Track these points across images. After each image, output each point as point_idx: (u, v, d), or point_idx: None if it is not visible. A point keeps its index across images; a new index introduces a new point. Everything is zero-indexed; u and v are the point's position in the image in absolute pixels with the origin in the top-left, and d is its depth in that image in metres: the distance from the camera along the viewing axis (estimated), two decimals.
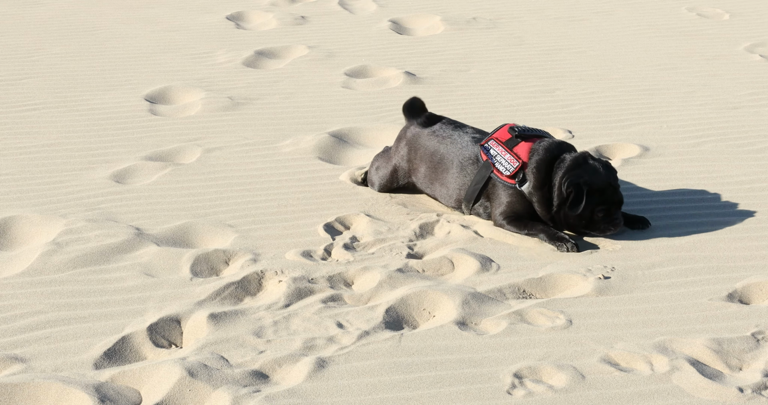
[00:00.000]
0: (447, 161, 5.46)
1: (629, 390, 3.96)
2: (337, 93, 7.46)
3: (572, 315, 4.49)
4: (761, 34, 8.99)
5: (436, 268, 4.93)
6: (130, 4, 9.86)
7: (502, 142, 5.29)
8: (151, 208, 5.56)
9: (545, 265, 4.94)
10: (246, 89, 7.50)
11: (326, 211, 5.51)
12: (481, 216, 5.38)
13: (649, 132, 6.68)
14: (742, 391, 3.93)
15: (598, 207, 5.12)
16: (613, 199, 5.15)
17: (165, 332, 4.38)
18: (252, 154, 6.32)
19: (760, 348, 4.23)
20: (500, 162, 5.26)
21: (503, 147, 5.27)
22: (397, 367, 4.11)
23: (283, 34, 8.97)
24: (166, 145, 6.43)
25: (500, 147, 5.28)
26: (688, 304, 4.58)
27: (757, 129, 6.73)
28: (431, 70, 7.97)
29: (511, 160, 5.23)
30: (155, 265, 4.92)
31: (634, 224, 5.31)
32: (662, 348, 4.22)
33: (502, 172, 5.25)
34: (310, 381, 4.01)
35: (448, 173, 5.44)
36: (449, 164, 5.45)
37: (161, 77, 7.73)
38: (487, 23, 9.30)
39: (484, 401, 3.90)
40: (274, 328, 4.39)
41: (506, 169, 5.24)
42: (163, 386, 3.97)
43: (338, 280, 4.81)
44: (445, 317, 4.49)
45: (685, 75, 7.87)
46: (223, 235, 5.24)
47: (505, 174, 5.24)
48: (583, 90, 7.51)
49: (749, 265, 4.92)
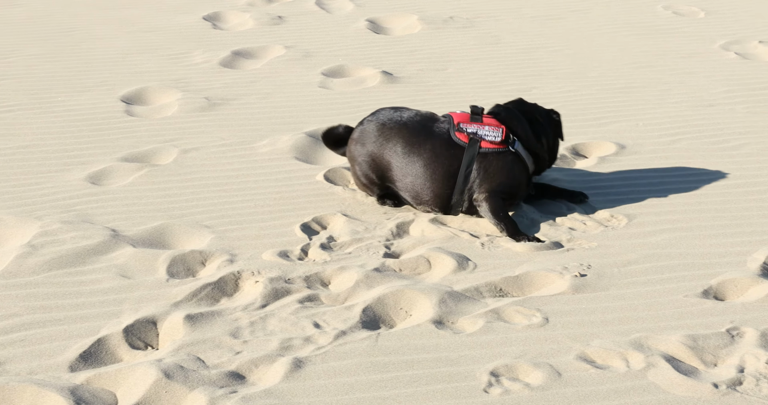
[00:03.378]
0: (421, 154, 5.41)
1: (605, 387, 3.97)
2: (314, 93, 7.45)
3: (549, 313, 4.50)
4: (736, 31, 9.03)
5: (413, 267, 4.93)
6: (107, 4, 9.83)
7: (465, 120, 5.39)
8: (127, 209, 5.54)
9: (522, 263, 4.95)
10: (223, 90, 7.48)
11: (303, 211, 5.51)
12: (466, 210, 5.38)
13: (625, 130, 6.71)
14: (716, 387, 3.95)
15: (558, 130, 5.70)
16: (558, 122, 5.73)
17: (141, 334, 4.37)
18: (229, 154, 6.31)
19: (734, 344, 4.25)
20: (486, 134, 5.31)
21: (475, 123, 5.34)
22: (374, 366, 4.11)
23: (259, 34, 8.96)
24: (142, 146, 6.42)
25: (474, 124, 5.35)
26: (664, 301, 4.60)
27: (732, 126, 6.76)
28: (408, 69, 7.98)
29: (493, 128, 5.35)
30: (131, 267, 4.91)
31: (573, 198, 5.55)
32: (638, 345, 4.23)
33: (495, 140, 5.30)
34: (286, 381, 4.00)
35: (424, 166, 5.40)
36: (423, 156, 5.40)
37: (137, 78, 7.71)
38: (464, 22, 9.31)
39: (461, 400, 3.91)
40: (250, 329, 4.38)
41: (495, 136, 5.31)
42: (139, 388, 3.96)
43: (315, 280, 4.81)
44: (422, 316, 4.49)
45: (660, 73, 7.89)
46: (200, 236, 5.23)
47: (497, 141, 5.31)
48: (559, 88, 7.53)
49: (724, 261, 4.94)
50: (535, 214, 5.50)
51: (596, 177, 5.92)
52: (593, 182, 5.84)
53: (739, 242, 5.14)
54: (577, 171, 6.06)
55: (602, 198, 5.64)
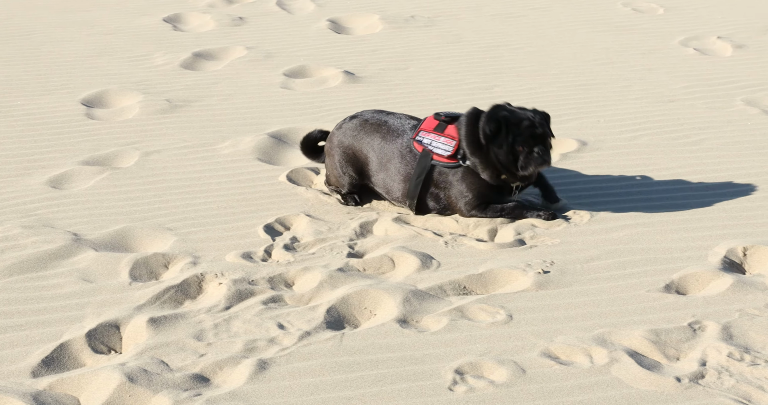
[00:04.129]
0: (391, 155, 5.45)
1: (569, 383, 3.99)
2: (276, 93, 7.44)
3: (512, 310, 4.51)
4: (695, 28, 9.10)
5: (377, 267, 4.93)
6: (66, 7, 9.76)
7: (431, 130, 5.35)
8: (89, 213, 5.51)
9: (485, 261, 4.96)
10: (184, 91, 7.45)
11: (266, 212, 5.50)
12: (435, 210, 5.40)
13: (587, 126, 6.74)
14: (679, 381, 3.98)
15: (518, 139, 5.20)
16: (532, 132, 5.21)
17: (104, 338, 4.34)
18: (191, 156, 6.28)
19: (696, 337, 4.28)
20: (437, 146, 5.31)
21: (435, 133, 5.33)
22: (339, 366, 4.11)
23: (221, 35, 8.93)
24: (103, 149, 6.38)
25: (432, 134, 5.34)
26: (627, 296, 4.63)
27: (692, 121, 6.81)
28: (370, 68, 7.98)
29: (446, 141, 5.30)
30: (93, 271, 4.88)
31: (549, 195, 5.47)
32: (601, 340, 4.26)
33: (443, 155, 5.29)
34: (251, 383, 3.99)
35: (394, 167, 5.44)
36: (392, 158, 5.45)
37: (98, 81, 7.66)
38: (425, 21, 9.32)
39: (426, 398, 3.91)
40: (214, 331, 4.36)
41: (445, 150, 5.29)
42: (103, 393, 3.93)
43: (279, 280, 4.80)
44: (387, 315, 4.49)
45: (621, 69, 7.94)
46: (162, 239, 5.21)
47: (446, 155, 5.28)
48: (521, 86, 7.55)
49: (685, 256, 4.98)
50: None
51: (558, 174, 5.94)
52: (555, 179, 5.86)
53: (700, 237, 5.18)
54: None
55: (564, 195, 5.66)
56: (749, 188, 5.75)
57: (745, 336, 4.28)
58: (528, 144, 5.22)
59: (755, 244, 5.05)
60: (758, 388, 3.93)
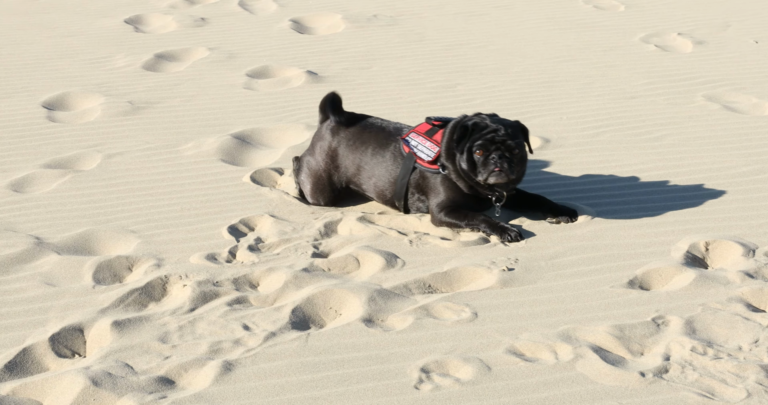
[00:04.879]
0: (383, 158, 5.45)
1: (534, 379, 4.00)
2: (239, 94, 7.42)
3: (477, 308, 4.53)
4: (656, 24, 9.16)
5: (342, 267, 4.93)
6: (25, 9, 9.69)
7: (422, 132, 5.35)
8: (51, 216, 5.47)
9: (450, 259, 4.97)
10: (146, 93, 7.42)
11: (230, 213, 5.48)
12: (421, 210, 5.41)
13: (550, 124, 6.77)
14: (643, 376, 4.00)
15: (476, 143, 5.12)
16: (492, 138, 5.13)
17: (68, 342, 4.32)
18: (153, 158, 6.25)
19: (660, 332, 4.31)
20: (421, 150, 5.31)
21: (423, 137, 5.33)
22: (305, 366, 4.10)
23: (182, 36, 8.89)
24: (65, 152, 6.34)
25: (420, 137, 5.34)
26: (591, 292, 4.65)
27: (653, 118, 6.86)
28: (333, 68, 7.97)
29: (431, 146, 5.30)
30: (56, 274, 4.84)
31: (559, 214, 5.31)
32: (566, 336, 4.28)
33: (424, 159, 5.30)
34: (216, 385, 3.98)
35: (381, 168, 5.43)
36: (384, 160, 5.44)
37: (59, 83, 7.61)
38: (387, 20, 9.33)
39: (392, 397, 3.91)
40: (179, 333, 4.35)
41: (427, 155, 5.29)
42: (67, 397, 3.91)
43: (243, 281, 4.78)
44: (352, 315, 4.49)
45: (583, 66, 7.98)
46: (126, 241, 5.18)
47: (427, 160, 5.29)
48: (484, 84, 7.57)
49: (648, 251, 5.01)
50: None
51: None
52: None
53: (662, 232, 5.21)
54: None
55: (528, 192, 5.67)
56: (711, 183, 5.79)
57: (708, 330, 4.31)
58: (485, 149, 5.13)
59: (717, 238, 5.09)
60: (721, 382, 3.96)
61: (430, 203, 5.34)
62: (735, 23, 9.16)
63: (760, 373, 4.00)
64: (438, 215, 5.29)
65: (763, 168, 5.99)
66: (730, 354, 4.13)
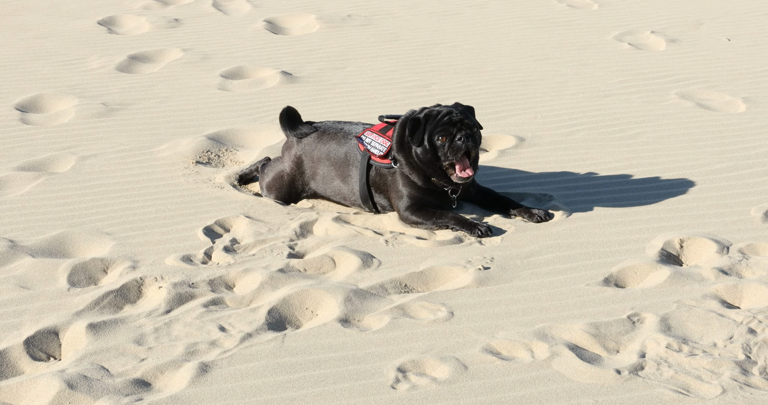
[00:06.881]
0: (340, 159, 5.46)
1: (511, 378, 4.01)
2: (213, 95, 7.40)
3: (453, 307, 4.53)
4: (629, 23, 9.19)
5: (318, 267, 4.93)
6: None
7: (377, 131, 5.37)
8: (25, 219, 5.44)
9: (426, 258, 4.97)
10: (120, 94, 7.39)
11: (205, 214, 5.47)
12: (387, 209, 5.41)
13: (524, 122, 6.78)
14: (619, 373, 4.02)
15: (435, 130, 5.15)
16: (450, 120, 5.15)
17: (43, 345, 4.29)
18: (128, 160, 6.23)
19: (635, 330, 4.33)
20: (374, 146, 5.32)
21: (377, 134, 5.35)
22: (281, 367, 4.10)
23: (156, 37, 8.86)
24: (38, 155, 6.30)
25: (374, 134, 5.36)
26: (566, 290, 4.66)
27: (627, 116, 6.88)
28: (308, 68, 7.96)
29: (383, 141, 5.32)
30: (31, 277, 4.82)
31: (531, 217, 5.32)
32: (542, 335, 4.29)
33: (376, 154, 5.31)
34: (193, 386, 3.97)
35: (344, 170, 5.44)
36: (342, 161, 5.45)
37: (32, 85, 7.57)
38: (362, 20, 9.33)
39: (369, 397, 3.91)
40: (155, 335, 4.33)
41: (379, 150, 5.30)
42: (42, 400, 3.89)
43: (219, 283, 4.77)
44: (328, 315, 4.49)
45: (557, 65, 8.00)
46: (101, 244, 5.16)
47: (379, 155, 5.30)
48: (458, 83, 7.58)
49: (623, 249, 5.03)
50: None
51: (497, 170, 5.97)
52: (494, 175, 5.89)
53: (637, 230, 5.23)
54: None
55: (504, 191, 5.69)
56: (685, 181, 5.82)
57: (683, 327, 4.33)
58: (448, 132, 5.16)
59: (691, 235, 5.11)
60: (696, 378, 3.98)
61: (393, 203, 5.35)
62: (707, 21, 9.21)
63: (734, 369, 4.02)
64: (404, 214, 5.30)
65: (736, 165, 6.03)
66: (705, 350, 4.16)
